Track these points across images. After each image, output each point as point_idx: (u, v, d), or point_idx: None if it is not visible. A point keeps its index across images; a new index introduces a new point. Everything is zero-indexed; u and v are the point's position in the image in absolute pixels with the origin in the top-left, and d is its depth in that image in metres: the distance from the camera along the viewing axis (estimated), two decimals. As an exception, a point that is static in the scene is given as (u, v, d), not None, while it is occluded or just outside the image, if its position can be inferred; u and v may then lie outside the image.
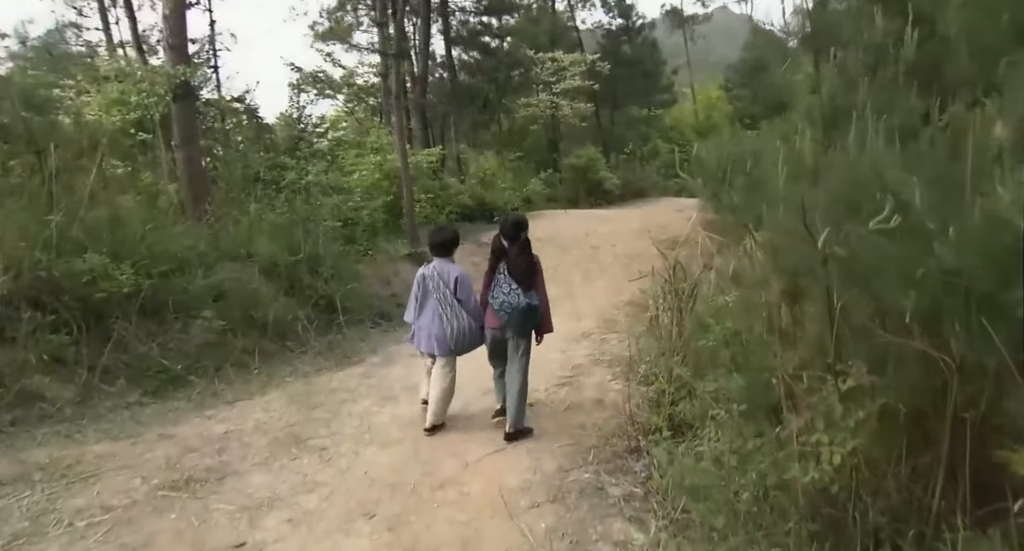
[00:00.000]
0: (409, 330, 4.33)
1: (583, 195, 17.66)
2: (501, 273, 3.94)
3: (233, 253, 6.18)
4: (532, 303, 3.86)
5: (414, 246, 7.85)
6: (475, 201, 10.76)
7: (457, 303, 4.04)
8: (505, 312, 3.85)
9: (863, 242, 2.02)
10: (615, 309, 6.72)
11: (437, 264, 4.08)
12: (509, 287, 3.87)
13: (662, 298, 4.94)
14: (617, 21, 25.45)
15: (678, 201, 19.67)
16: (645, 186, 20.91)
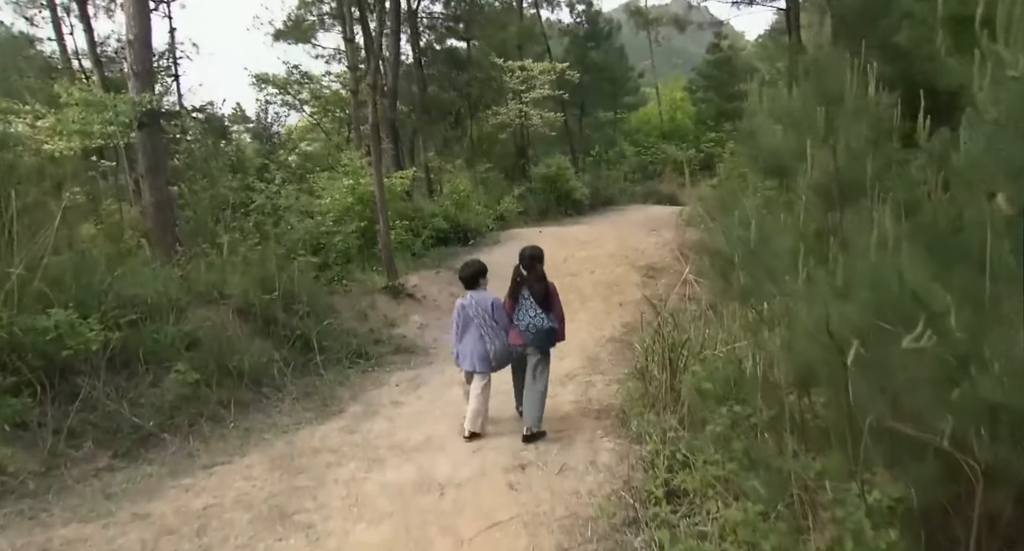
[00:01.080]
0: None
1: (553, 205, 17.64)
2: (526, 299, 4.75)
3: (206, 294, 5.96)
4: (553, 325, 4.75)
5: (391, 279, 7.65)
6: (450, 223, 10.61)
7: (495, 325, 4.78)
8: (531, 332, 4.68)
9: (894, 358, 1.96)
10: (598, 346, 6.64)
11: (473, 294, 4.91)
12: (535, 312, 4.71)
13: (651, 349, 4.86)
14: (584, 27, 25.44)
15: (647, 209, 19.78)
16: (613, 193, 21.02)
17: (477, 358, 4.70)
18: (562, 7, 25.66)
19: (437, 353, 6.73)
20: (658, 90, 30.87)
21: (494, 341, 4.74)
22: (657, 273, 8.84)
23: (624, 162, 25.30)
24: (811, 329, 2.21)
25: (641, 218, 16.74)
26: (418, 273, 8.61)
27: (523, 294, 4.77)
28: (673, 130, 28.90)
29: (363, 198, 9.40)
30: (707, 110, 28.32)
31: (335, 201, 9.40)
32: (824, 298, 2.10)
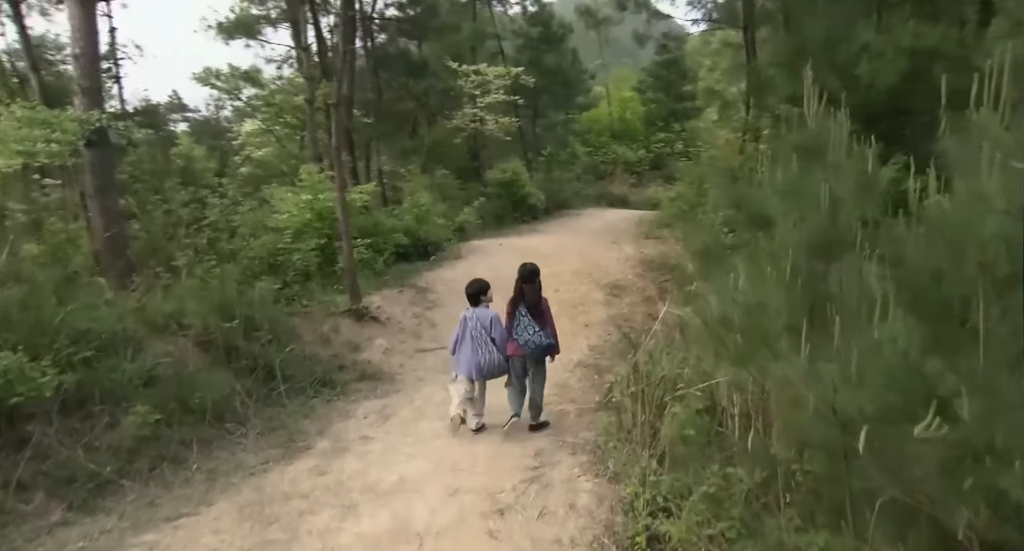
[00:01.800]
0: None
1: (509, 211, 17.62)
2: (524, 316, 5.32)
3: (163, 325, 5.71)
4: (550, 342, 5.38)
5: (354, 302, 7.48)
6: (410, 238, 10.46)
7: (491, 341, 5.36)
8: (530, 348, 5.28)
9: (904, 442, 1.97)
10: (567, 371, 6.63)
11: (476, 310, 5.49)
12: (533, 329, 5.29)
13: (626, 382, 4.85)
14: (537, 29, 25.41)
15: (602, 214, 19.90)
16: (567, 196, 21.07)
17: (475, 366, 5.31)
18: (513, 5, 25.60)
19: (404, 379, 6.62)
20: (608, 91, 31.05)
21: (486, 355, 5.32)
22: (621, 291, 8.89)
23: (576, 163, 25.42)
24: (816, 407, 2.22)
25: (598, 225, 16.84)
26: (380, 293, 8.45)
27: (520, 310, 5.34)
28: (623, 130, 29.13)
29: (322, 214, 9.18)
30: (656, 110, 28.60)
31: (293, 217, 9.16)
32: (829, 380, 2.11)
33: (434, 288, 9.04)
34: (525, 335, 5.25)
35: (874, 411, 1.97)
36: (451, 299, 8.71)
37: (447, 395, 6.11)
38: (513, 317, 5.34)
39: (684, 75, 28.83)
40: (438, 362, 6.96)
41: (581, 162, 25.85)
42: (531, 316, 5.30)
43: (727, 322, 2.67)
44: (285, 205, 9.35)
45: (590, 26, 35.72)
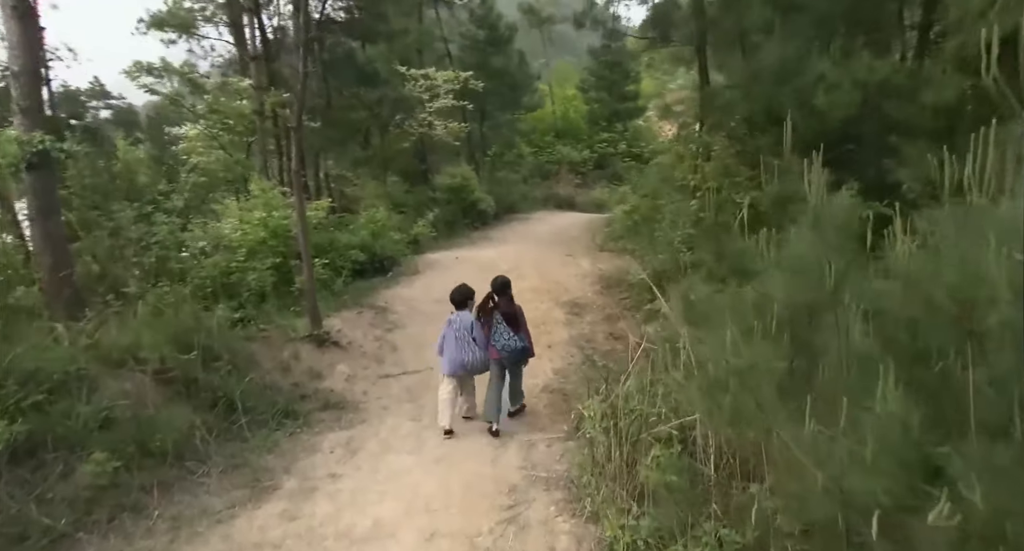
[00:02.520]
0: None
1: (459, 217, 17.58)
2: (500, 323, 5.94)
3: (119, 361, 5.47)
4: (525, 345, 6.03)
5: (315, 327, 7.31)
6: (367, 254, 10.30)
7: (473, 341, 5.93)
8: (507, 352, 5.92)
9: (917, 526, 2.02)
10: (533, 397, 6.64)
11: (460, 314, 6.07)
12: (509, 335, 5.91)
13: (598, 415, 4.88)
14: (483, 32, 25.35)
15: (551, 218, 20.09)
16: (515, 200, 21.14)
17: (459, 365, 5.92)
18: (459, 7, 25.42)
19: (368, 408, 6.51)
20: (552, 89, 31.09)
21: (469, 354, 5.92)
22: (581, 310, 8.95)
23: (523, 163, 25.46)
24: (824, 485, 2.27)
25: (549, 231, 16.95)
26: (340, 315, 8.29)
27: (496, 318, 5.97)
28: (566, 129, 29.30)
29: (276, 231, 8.95)
30: (599, 110, 28.87)
31: (246, 234, 8.90)
32: (838, 459, 2.16)
33: (393, 308, 8.93)
34: (502, 340, 5.91)
35: (887, 496, 2.02)
36: (412, 320, 8.62)
37: (413, 427, 6.08)
38: (491, 326, 5.97)
39: (627, 75, 29.15)
40: (402, 389, 6.89)
41: (527, 162, 25.92)
42: (507, 323, 5.95)
43: (720, 383, 2.71)
44: (238, 222, 9.08)
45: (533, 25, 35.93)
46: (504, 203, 20.03)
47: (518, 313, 6.10)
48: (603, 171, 27.26)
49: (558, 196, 24.18)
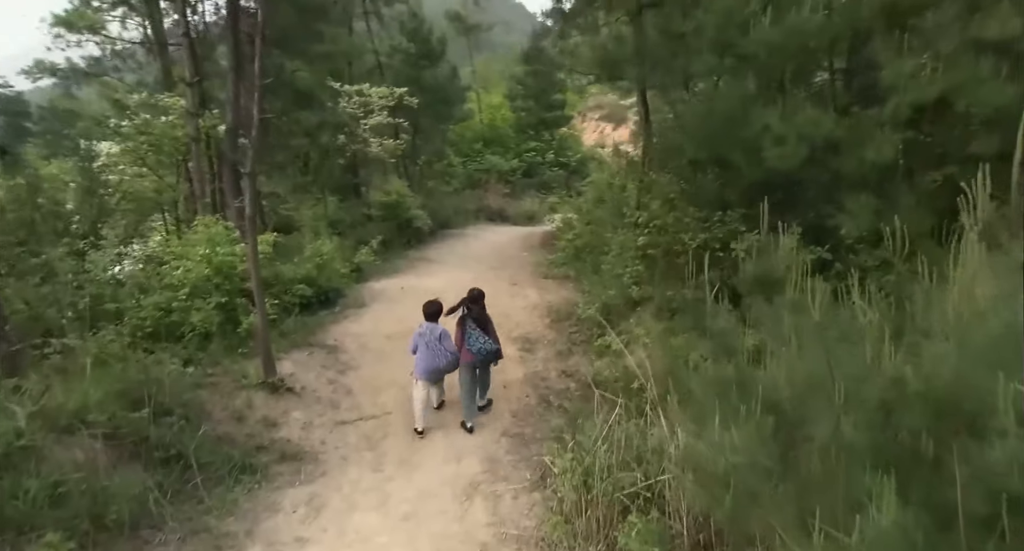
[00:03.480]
0: None
1: (395, 235, 17.39)
2: (473, 329, 6.85)
3: (67, 426, 5.20)
4: (497, 347, 6.98)
5: (269, 374, 7.14)
6: (313, 287, 10.12)
7: (442, 348, 6.75)
8: (482, 355, 6.81)
9: None
10: (493, 443, 6.67)
11: (428, 325, 6.85)
12: (484, 339, 6.83)
13: (568, 475, 4.98)
14: (416, 45, 25.16)
15: (486, 233, 20.08)
16: (449, 214, 20.98)
17: (432, 371, 6.79)
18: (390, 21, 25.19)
19: (327, 459, 6.40)
20: (479, 96, 31.10)
21: (440, 359, 6.75)
22: (532, 345, 9.06)
23: (453, 173, 25.33)
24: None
25: (487, 250, 16.95)
26: (291, 357, 8.11)
27: (469, 325, 6.88)
28: (494, 137, 29.36)
29: (221, 269, 8.67)
30: (526, 118, 29.08)
31: (188, 272, 8.59)
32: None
33: (344, 346, 8.80)
34: (477, 344, 6.79)
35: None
36: (364, 359, 8.52)
37: (375, 479, 6.04)
38: (464, 332, 6.85)
39: (553, 84, 29.45)
40: (360, 437, 6.80)
41: (457, 172, 25.81)
42: (480, 329, 6.87)
43: (719, 479, 2.84)
44: (180, 257, 8.77)
45: (460, 32, 36.16)
46: (438, 218, 19.84)
47: (489, 320, 7.06)
48: (531, 180, 27.49)
49: (489, 208, 24.17)
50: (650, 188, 9.54)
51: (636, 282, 9.26)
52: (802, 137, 6.46)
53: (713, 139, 7.58)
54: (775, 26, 6.63)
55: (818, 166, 6.69)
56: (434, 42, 26.06)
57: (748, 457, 2.73)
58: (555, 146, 28.39)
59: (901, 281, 3.88)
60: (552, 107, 29.46)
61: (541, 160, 27.92)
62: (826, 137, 6.51)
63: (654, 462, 5.12)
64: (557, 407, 7.46)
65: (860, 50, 7.11)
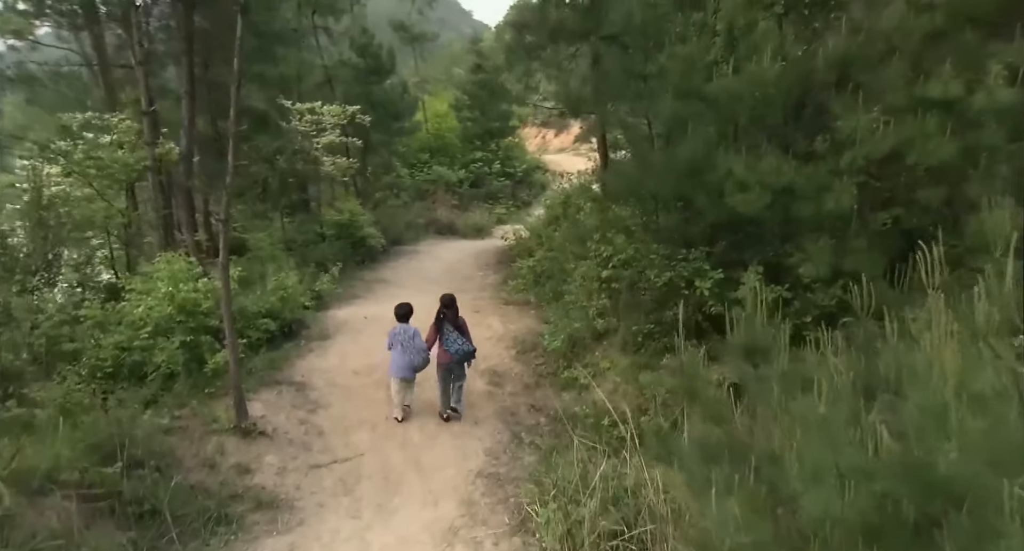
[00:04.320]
0: None
1: (349, 254, 17.26)
2: (451, 332, 7.61)
3: (39, 488, 5.08)
4: (473, 348, 7.74)
5: (241, 419, 7.07)
6: (277, 321, 10.03)
7: (414, 346, 7.60)
8: (459, 355, 7.56)
9: None
10: (470, 483, 6.75)
11: (403, 326, 7.76)
12: (461, 340, 7.62)
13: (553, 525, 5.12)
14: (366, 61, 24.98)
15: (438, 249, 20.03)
16: (400, 230, 20.86)
17: (405, 368, 7.62)
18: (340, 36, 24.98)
19: (304, 506, 6.37)
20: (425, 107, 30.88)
21: (415, 357, 7.59)
22: (500, 379, 9.18)
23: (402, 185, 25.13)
24: None
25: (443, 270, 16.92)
26: (259, 396, 8.02)
27: (447, 328, 7.63)
28: (440, 146, 29.23)
29: (184, 306, 8.53)
30: (472, 128, 29.08)
31: (151, 310, 8.43)
32: None
33: (312, 383, 8.75)
34: (455, 345, 7.53)
35: None
36: (333, 396, 8.50)
37: (354, 527, 6.07)
38: (441, 334, 7.61)
39: (499, 95, 29.37)
40: (335, 481, 6.80)
41: (405, 184, 25.61)
42: (457, 330, 7.64)
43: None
44: (143, 297, 8.59)
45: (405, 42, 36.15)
46: (390, 234, 19.63)
47: (463, 323, 7.80)
48: (478, 190, 27.54)
49: (439, 221, 23.99)
50: (613, 223, 9.80)
51: (600, 314, 9.50)
52: (764, 185, 6.79)
53: (676, 181, 7.88)
54: (736, 75, 6.97)
55: (778, 210, 7.02)
56: (384, 57, 25.94)
57: (753, 535, 2.90)
58: (501, 156, 28.48)
59: (863, 330, 4.09)
60: (498, 117, 29.50)
61: (488, 171, 28.01)
62: (786, 185, 6.86)
63: (631, 504, 5.34)
64: (529, 444, 7.60)
65: (815, 99, 7.50)
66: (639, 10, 8.13)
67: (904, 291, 6.75)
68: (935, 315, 3.41)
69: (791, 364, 3.39)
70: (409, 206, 23.66)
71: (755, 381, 3.56)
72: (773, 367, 3.50)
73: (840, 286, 7.32)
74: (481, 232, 23.25)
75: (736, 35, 7.64)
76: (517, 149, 30.55)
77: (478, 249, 19.92)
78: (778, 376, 3.48)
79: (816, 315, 7.38)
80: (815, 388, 3.23)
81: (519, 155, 30.41)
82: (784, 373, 3.44)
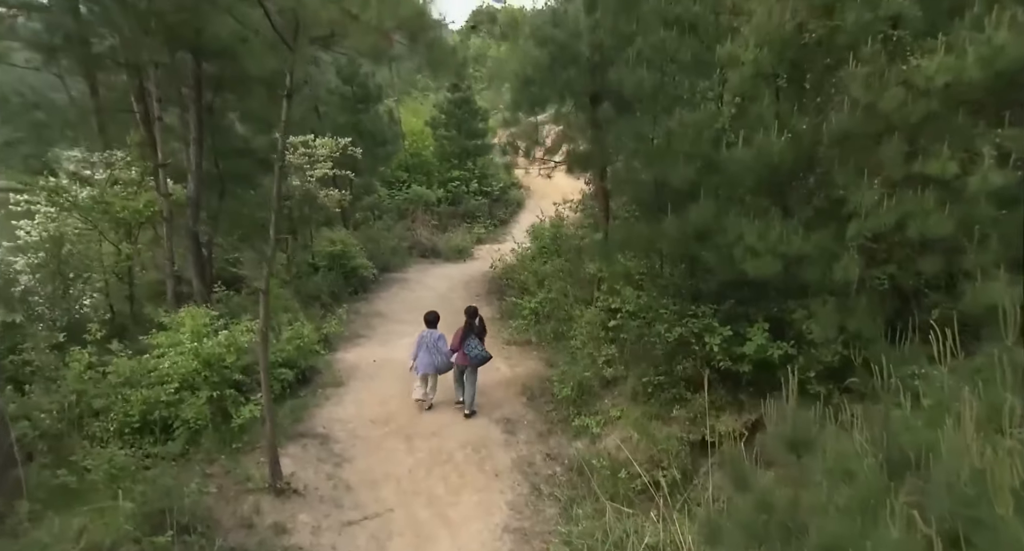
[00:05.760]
0: None
1: (341, 285, 17.46)
2: (473, 338, 9.47)
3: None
4: (488, 356, 9.67)
5: (276, 478, 7.33)
6: (294, 370, 10.31)
7: (438, 349, 9.36)
8: (477, 359, 9.44)
9: None
10: (496, 539, 7.09)
11: (428, 331, 9.58)
12: (481, 347, 9.51)
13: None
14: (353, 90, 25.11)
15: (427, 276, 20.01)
16: (388, 256, 20.87)
17: (429, 367, 9.46)
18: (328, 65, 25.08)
19: (342, 566, 6.67)
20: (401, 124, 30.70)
21: (437, 358, 9.40)
22: (514, 426, 9.51)
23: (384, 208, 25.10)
24: None
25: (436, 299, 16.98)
26: (286, 451, 8.27)
27: (471, 337, 9.48)
28: (417, 164, 29.16)
29: (209, 361, 8.78)
30: (449, 147, 29.16)
31: (176, 365, 8.66)
32: None
33: (334, 435, 9.03)
34: (475, 351, 9.43)
35: None
36: (356, 449, 8.78)
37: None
38: (465, 339, 9.42)
39: (475, 113, 29.61)
40: (368, 538, 7.09)
41: (385, 206, 25.59)
42: (478, 338, 9.55)
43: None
44: (168, 351, 8.82)
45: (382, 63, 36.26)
46: (378, 260, 19.74)
47: (484, 330, 9.97)
48: (456, 208, 27.68)
49: (422, 244, 23.93)
50: (620, 274, 10.22)
51: (608, 362, 9.91)
52: (775, 253, 7.26)
53: (686, 242, 8.35)
54: (745, 145, 7.45)
55: (787, 273, 7.46)
56: (371, 86, 26.13)
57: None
58: (478, 174, 28.72)
59: (884, 406, 4.44)
60: (475, 135, 29.69)
61: (466, 189, 28.23)
62: (797, 253, 7.32)
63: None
64: (548, 496, 7.96)
65: (819, 169, 8.02)
66: (649, 75, 8.58)
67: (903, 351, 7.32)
68: (953, 397, 3.78)
69: (835, 459, 3.73)
70: (392, 228, 23.63)
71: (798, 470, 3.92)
72: (817, 461, 3.86)
73: (842, 342, 7.84)
74: (462, 253, 23.40)
75: (742, 106, 8.13)
76: (493, 167, 30.64)
77: (465, 276, 20.07)
78: (824, 472, 3.85)
79: (819, 371, 7.90)
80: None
81: (496, 173, 30.49)
82: (830, 470, 3.81)
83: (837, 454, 3.83)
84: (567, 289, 13.07)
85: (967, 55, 6.35)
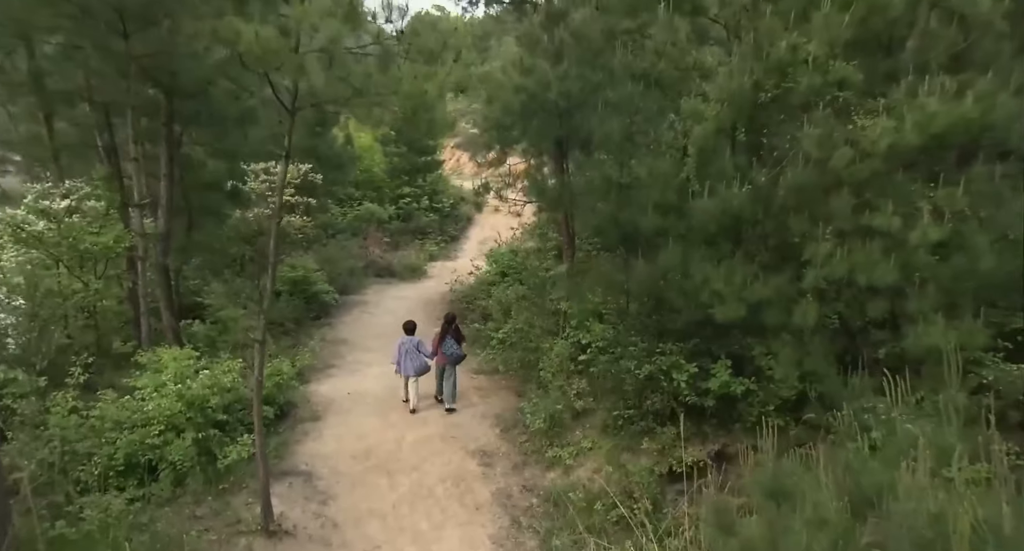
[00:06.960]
0: None
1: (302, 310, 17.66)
2: (451, 339, 11.16)
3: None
4: (463, 355, 11.56)
5: (268, 520, 7.59)
6: (273, 406, 10.53)
7: (419, 353, 11.03)
8: (453, 357, 11.21)
9: None
10: (482, 578, 7.48)
11: (408, 337, 11.21)
12: (456, 346, 11.27)
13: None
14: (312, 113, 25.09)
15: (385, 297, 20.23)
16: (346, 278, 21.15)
17: (411, 369, 11.04)
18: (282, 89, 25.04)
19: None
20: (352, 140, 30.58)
21: (417, 361, 11.05)
22: (491, 459, 9.92)
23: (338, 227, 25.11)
24: None
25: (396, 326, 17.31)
26: (273, 490, 8.46)
27: (448, 338, 11.11)
28: (367, 180, 29.16)
29: (193, 403, 8.98)
30: (400, 163, 29.32)
31: (160, 408, 8.84)
32: None
33: (317, 472, 9.30)
34: (451, 350, 11.15)
35: None
36: (339, 486, 9.06)
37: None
38: (443, 340, 11.09)
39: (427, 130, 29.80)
40: (361, 579, 7.39)
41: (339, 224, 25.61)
42: (454, 339, 11.19)
43: None
44: (153, 394, 8.99)
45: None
46: (337, 283, 19.90)
47: (461, 333, 11.59)
48: (407, 225, 27.91)
49: (377, 263, 23.97)
50: (589, 311, 10.77)
51: (578, 394, 10.43)
52: (740, 298, 7.88)
53: (654, 284, 8.96)
54: (711, 197, 8.07)
55: (749, 314, 8.07)
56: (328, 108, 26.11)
57: None
58: (429, 191, 29.04)
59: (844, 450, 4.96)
60: (425, 152, 29.99)
61: (417, 206, 28.53)
62: (757, 298, 7.96)
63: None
64: (527, 528, 8.39)
65: (777, 218, 8.70)
66: (617, 124, 9.19)
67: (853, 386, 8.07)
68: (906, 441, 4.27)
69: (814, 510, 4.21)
70: (346, 248, 23.65)
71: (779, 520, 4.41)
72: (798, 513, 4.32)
73: (798, 378, 8.50)
74: (416, 272, 23.64)
75: (704, 156, 8.76)
76: (443, 183, 30.92)
77: (423, 297, 20.23)
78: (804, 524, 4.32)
79: (778, 405, 8.57)
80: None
81: (446, 188, 30.80)
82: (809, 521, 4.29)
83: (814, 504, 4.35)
84: (532, 320, 13.54)
85: (905, 121, 7.10)
